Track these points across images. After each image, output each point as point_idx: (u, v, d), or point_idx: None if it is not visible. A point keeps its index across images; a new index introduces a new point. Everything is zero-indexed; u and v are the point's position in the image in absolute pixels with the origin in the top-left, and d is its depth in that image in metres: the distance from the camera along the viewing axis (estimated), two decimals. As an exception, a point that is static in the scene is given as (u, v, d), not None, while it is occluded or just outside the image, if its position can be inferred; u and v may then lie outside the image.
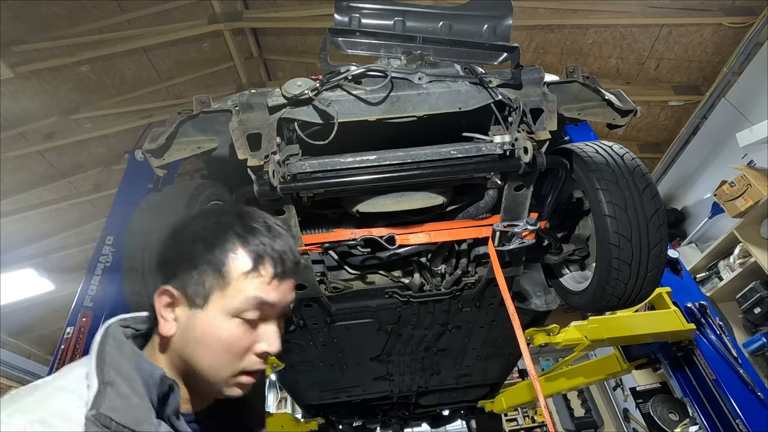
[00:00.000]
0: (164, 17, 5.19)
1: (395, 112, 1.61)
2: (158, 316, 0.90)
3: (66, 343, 3.21)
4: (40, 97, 5.35)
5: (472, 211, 1.92)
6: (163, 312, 0.89)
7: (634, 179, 1.84)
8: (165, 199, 1.84)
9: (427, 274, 2.19)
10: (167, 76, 5.90)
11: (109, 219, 4.17)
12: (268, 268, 0.89)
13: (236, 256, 0.88)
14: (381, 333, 2.57)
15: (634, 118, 1.75)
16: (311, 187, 1.63)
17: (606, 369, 3.34)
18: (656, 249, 1.83)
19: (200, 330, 0.87)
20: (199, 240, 0.90)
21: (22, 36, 4.72)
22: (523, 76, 1.65)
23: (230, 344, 0.88)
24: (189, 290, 0.88)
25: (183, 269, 0.89)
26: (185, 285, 0.88)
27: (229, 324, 0.87)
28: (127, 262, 1.72)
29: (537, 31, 5.32)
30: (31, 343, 8.39)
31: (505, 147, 1.60)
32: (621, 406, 9.41)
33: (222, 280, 0.87)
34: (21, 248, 6.70)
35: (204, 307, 0.87)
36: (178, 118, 1.64)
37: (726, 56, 5.02)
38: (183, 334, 0.89)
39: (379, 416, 4.42)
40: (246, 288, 0.88)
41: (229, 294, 0.87)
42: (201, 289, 0.88)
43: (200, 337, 0.87)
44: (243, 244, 0.89)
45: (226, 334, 0.87)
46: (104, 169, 6.37)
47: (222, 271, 0.87)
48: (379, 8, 1.99)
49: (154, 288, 0.91)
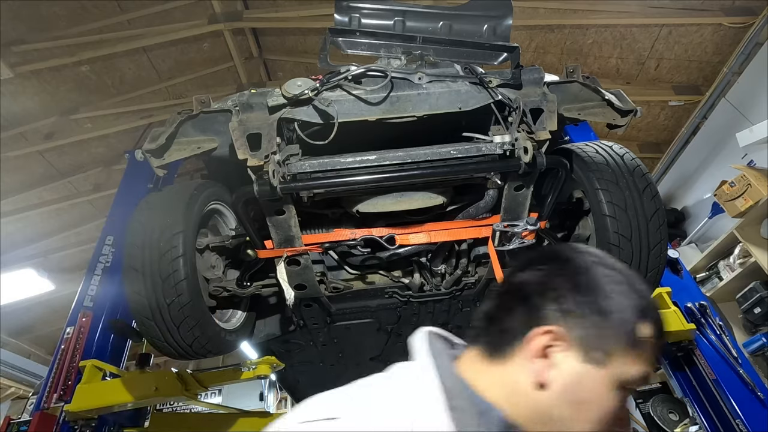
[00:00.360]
0: (164, 17, 5.20)
1: (395, 112, 1.61)
2: (534, 356, 0.77)
3: (66, 343, 3.21)
4: (40, 97, 5.35)
5: (472, 211, 1.92)
6: (542, 353, 0.76)
7: (634, 179, 1.85)
8: (165, 199, 1.84)
9: (427, 274, 2.19)
10: (167, 76, 5.90)
11: (109, 219, 4.17)
12: (659, 339, 0.79)
13: (644, 320, 0.77)
14: (381, 333, 2.57)
15: (634, 118, 1.76)
16: (311, 187, 1.63)
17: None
18: (656, 249, 1.83)
19: (588, 392, 0.74)
20: (616, 291, 0.77)
21: (22, 36, 4.72)
22: (523, 76, 1.65)
23: (607, 416, 0.75)
24: (589, 341, 0.75)
25: (587, 313, 0.76)
26: (585, 332, 0.75)
27: (615, 394, 0.75)
28: (127, 261, 1.73)
29: (537, 31, 5.31)
30: (31, 343, 8.39)
31: (505, 147, 1.60)
32: (621, 406, 9.41)
33: (627, 342, 0.75)
34: (21, 248, 6.70)
35: (603, 366, 0.74)
36: (178, 118, 1.64)
37: (726, 56, 5.01)
38: (558, 387, 0.75)
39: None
40: (646, 357, 0.77)
41: (629, 361, 0.75)
42: (603, 345, 0.75)
43: (583, 399, 0.74)
44: (645, 308, 0.79)
45: (611, 405, 0.75)
46: (104, 169, 6.37)
47: (631, 332, 0.76)
48: (379, 8, 1.99)
49: (531, 317, 0.79)
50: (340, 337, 2.58)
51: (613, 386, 0.75)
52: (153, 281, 1.68)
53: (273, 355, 2.62)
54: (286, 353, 2.67)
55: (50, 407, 2.88)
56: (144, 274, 1.69)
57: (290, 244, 1.77)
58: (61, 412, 2.84)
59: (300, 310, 2.20)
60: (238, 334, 2.09)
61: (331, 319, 2.36)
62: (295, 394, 3.64)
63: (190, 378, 2.73)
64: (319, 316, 2.29)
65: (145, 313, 1.71)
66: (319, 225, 2.02)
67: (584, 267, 0.81)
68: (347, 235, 1.87)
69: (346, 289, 2.13)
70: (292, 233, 1.74)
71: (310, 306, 2.19)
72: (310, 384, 3.29)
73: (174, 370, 2.70)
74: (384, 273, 2.20)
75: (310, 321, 2.33)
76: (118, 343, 3.40)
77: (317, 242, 1.85)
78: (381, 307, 2.33)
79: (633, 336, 0.75)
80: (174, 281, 1.68)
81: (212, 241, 1.97)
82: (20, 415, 3.55)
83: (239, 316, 2.14)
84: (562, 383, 0.75)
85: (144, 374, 2.82)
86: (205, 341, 1.81)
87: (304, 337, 2.53)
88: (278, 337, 2.43)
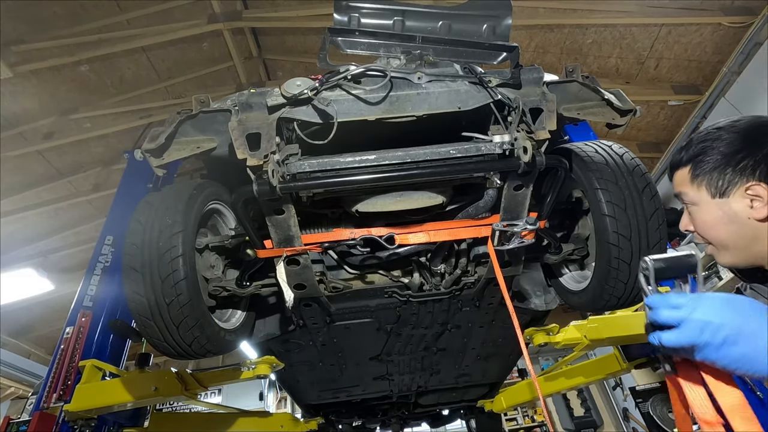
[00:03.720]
0: (164, 17, 5.20)
1: (394, 112, 1.61)
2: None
3: (66, 343, 3.21)
4: (39, 97, 5.36)
5: (472, 211, 1.92)
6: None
7: (634, 179, 1.85)
8: (164, 199, 1.84)
9: (426, 273, 2.19)
10: (166, 75, 5.90)
11: (108, 219, 4.17)
12: None
13: None
14: (380, 333, 2.57)
15: (633, 117, 1.75)
16: (310, 186, 1.63)
17: (605, 368, 3.34)
18: (656, 248, 1.83)
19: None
20: None
21: (22, 36, 4.72)
22: (522, 76, 1.65)
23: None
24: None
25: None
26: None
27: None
28: (127, 261, 1.72)
29: (537, 30, 5.32)
30: (31, 343, 8.40)
31: (504, 147, 1.60)
32: (620, 406, 9.41)
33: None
34: (21, 248, 6.71)
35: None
36: (178, 118, 1.64)
37: (725, 56, 5.02)
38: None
39: (378, 416, 4.42)
40: None
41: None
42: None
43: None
44: None
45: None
46: (104, 168, 6.38)
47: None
48: (379, 8, 1.99)
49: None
50: (339, 337, 2.58)
51: None
52: (152, 281, 1.68)
53: (273, 355, 2.62)
54: (285, 353, 2.67)
55: (50, 407, 2.88)
56: (143, 273, 1.69)
57: (290, 244, 1.77)
58: (61, 411, 2.84)
59: (299, 309, 2.20)
60: (238, 333, 2.09)
61: (330, 319, 2.36)
62: (295, 394, 3.65)
63: (190, 378, 2.72)
64: (318, 315, 2.29)
65: (145, 313, 1.71)
66: (319, 225, 2.02)
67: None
68: (347, 235, 1.87)
69: (346, 289, 2.13)
70: (292, 233, 1.74)
71: (309, 306, 2.19)
72: (310, 384, 3.29)
73: (173, 369, 2.70)
74: (383, 273, 2.20)
75: (310, 321, 2.33)
76: (117, 343, 3.40)
77: (317, 242, 1.85)
78: (380, 307, 2.33)
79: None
80: (173, 281, 1.68)
81: (212, 240, 1.97)
82: (20, 415, 3.55)
83: (239, 316, 2.14)
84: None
85: (143, 374, 2.82)
86: (204, 341, 1.81)
87: (303, 337, 2.53)
88: (278, 337, 2.43)
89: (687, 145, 1.20)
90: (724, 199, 1.10)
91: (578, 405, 9.49)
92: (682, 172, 1.20)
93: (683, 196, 1.21)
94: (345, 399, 3.67)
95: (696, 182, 1.15)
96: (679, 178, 1.21)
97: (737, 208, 1.09)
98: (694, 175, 1.16)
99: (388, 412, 4.35)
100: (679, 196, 1.23)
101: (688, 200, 1.19)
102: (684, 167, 1.19)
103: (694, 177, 1.16)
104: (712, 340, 0.86)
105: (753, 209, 1.06)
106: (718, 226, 1.13)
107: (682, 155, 1.20)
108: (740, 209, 1.08)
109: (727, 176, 1.10)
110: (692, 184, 1.17)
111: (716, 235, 1.15)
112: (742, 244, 1.11)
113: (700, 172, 1.14)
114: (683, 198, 1.21)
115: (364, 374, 3.18)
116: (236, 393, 9.42)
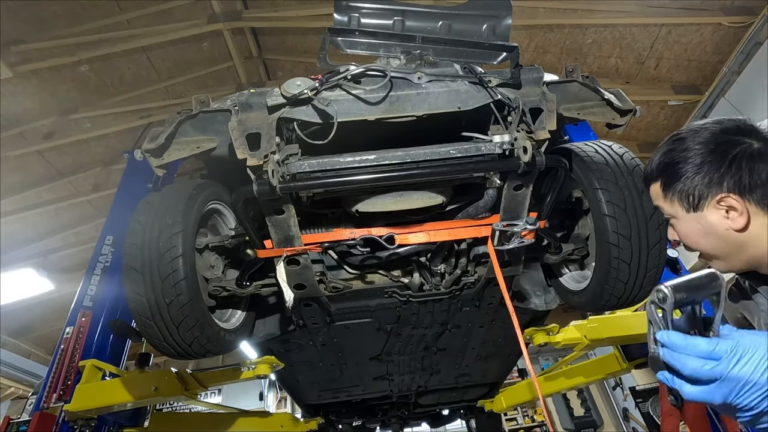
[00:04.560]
0: (164, 17, 5.20)
1: (394, 112, 1.61)
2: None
3: (66, 343, 3.21)
4: (39, 97, 5.36)
5: (472, 211, 1.92)
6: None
7: (634, 179, 1.85)
8: (164, 199, 1.84)
9: (426, 273, 2.19)
10: (166, 75, 5.90)
11: (108, 219, 4.17)
12: None
13: None
14: (380, 333, 2.57)
15: (633, 117, 1.75)
16: (310, 186, 1.63)
17: (605, 368, 3.34)
18: (655, 248, 1.83)
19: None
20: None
21: (22, 36, 4.72)
22: (522, 76, 1.65)
23: None
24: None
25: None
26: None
27: None
28: (127, 261, 1.72)
29: (537, 30, 5.32)
30: (31, 343, 8.40)
31: (504, 147, 1.60)
32: (620, 406, 9.42)
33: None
34: (21, 248, 6.71)
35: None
36: (178, 118, 1.64)
37: (725, 56, 5.02)
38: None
39: (378, 416, 4.42)
40: None
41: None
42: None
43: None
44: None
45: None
46: (103, 168, 6.38)
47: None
48: (379, 8, 1.99)
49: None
50: (339, 337, 2.58)
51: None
52: (152, 281, 1.68)
53: (272, 355, 2.62)
54: (285, 353, 2.67)
55: (50, 407, 2.88)
56: (143, 273, 1.69)
57: (289, 244, 1.77)
58: (61, 411, 2.84)
59: (299, 309, 2.20)
60: (238, 333, 2.09)
61: (330, 319, 2.36)
62: (295, 394, 3.65)
63: (190, 378, 2.73)
64: (318, 315, 2.29)
65: (145, 313, 1.71)
66: (319, 224, 2.02)
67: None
68: (347, 235, 1.87)
69: (346, 289, 2.13)
70: (292, 233, 1.74)
71: (309, 306, 2.19)
72: (310, 384, 3.29)
73: (173, 369, 2.70)
74: (383, 273, 2.20)
75: (310, 321, 2.33)
76: (117, 343, 3.40)
77: (317, 242, 1.85)
78: (380, 307, 2.33)
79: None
80: (173, 281, 1.68)
81: (212, 240, 1.97)
82: (20, 415, 3.55)
83: (239, 316, 2.14)
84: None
85: (143, 374, 2.82)
86: (204, 341, 1.81)
87: (303, 337, 2.53)
88: (278, 337, 2.43)
89: (654, 159, 1.18)
90: (698, 213, 1.08)
91: (578, 405, 9.49)
92: (655, 187, 1.18)
93: (661, 209, 1.18)
94: (345, 399, 3.67)
95: (668, 197, 1.13)
96: (653, 192, 1.19)
97: (713, 220, 1.06)
98: (665, 191, 1.14)
99: (388, 412, 4.35)
100: (657, 209, 1.20)
101: (666, 214, 1.17)
102: (655, 182, 1.17)
103: (665, 192, 1.14)
104: (758, 405, 0.69)
105: (730, 220, 1.04)
106: (699, 239, 1.11)
107: (651, 168, 1.18)
108: (716, 221, 1.06)
109: (696, 190, 1.07)
110: (665, 199, 1.15)
111: (701, 247, 1.13)
112: (729, 253, 1.09)
113: (670, 188, 1.12)
114: (662, 211, 1.18)
115: (364, 374, 3.18)
116: (236, 393, 9.42)
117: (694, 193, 1.07)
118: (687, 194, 1.09)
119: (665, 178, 1.13)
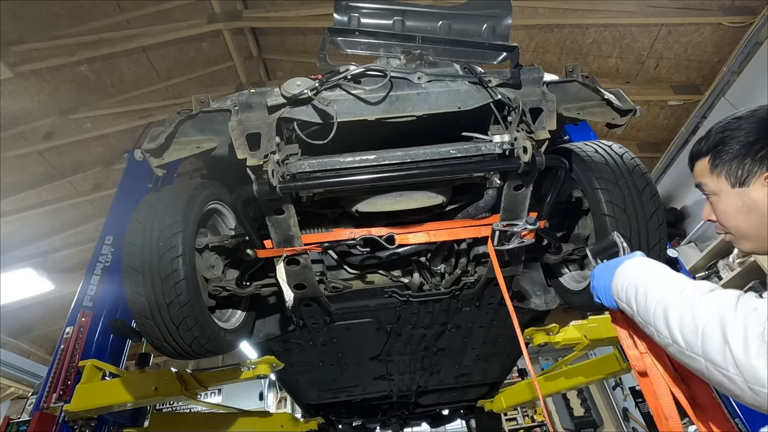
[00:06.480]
0: (164, 17, 5.20)
1: (394, 112, 1.61)
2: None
3: (65, 343, 3.21)
4: (39, 97, 5.35)
5: (472, 211, 1.92)
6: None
7: (634, 179, 1.85)
8: (164, 199, 1.84)
9: (426, 273, 2.19)
10: (166, 75, 5.90)
11: (108, 219, 4.17)
12: None
13: None
14: (380, 333, 2.57)
15: (633, 117, 1.75)
16: (310, 186, 1.63)
17: (605, 368, 3.34)
18: (655, 248, 1.84)
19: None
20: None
21: (22, 36, 4.71)
22: (522, 76, 1.65)
23: None
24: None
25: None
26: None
27: None
28: (127, 261, 1.72)
29: (537, 30, 5.32)
30: (31, 343, 8.39)
31: (504, 146, 1.60)
32: (620, 406, 9.42)
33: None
34: (21, 248, 6.71)
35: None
36: (178, 118, 1.64)
37: (725, 56, 5.02)
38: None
39: (378, 416, 4.42)
40: None
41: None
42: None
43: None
44: None
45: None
46: (103, 168, 6.38)
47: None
48: (379, 8, 1.99)
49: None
50: (339, 337, 2.58)
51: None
52: (152, 281, 1.68)
53: (273, 355, 2.62)
54: (285, 353, 2.67)
55: (50, 407, 2.88)
56: (143, 273, 1.69)
57: (289, 244, 1.77)
58: (61, 411, 2.84)
59: (299, 309, 2.20)
60: (238, 333, 2.09)
61: (330, 319, 2.36)
62: (295, 394, 3.64)
63: (190, 378, 2.72)
64: (318, 315, 2.29)
65: (145, 313, 1.71)
66: (319, 224, 2.02)
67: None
68: (346, 235, 1.87)
69: (346, 289, 2.13)
70: (292, 233, 1.74)
71: (309, 306, 2.19)
72: (309, 384, 3.29)
73: (173, 369, 2.70)
74: (383, 273, 2.20)
75: (310, 321, 2.33)
76: (117, 343, 3.40)
77: (317, 242, 1.85)
78: (380, 307, 2.33)
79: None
80: (173, 281, 1.68)
81: (212, 240, 1.98)
82: (20, 415, 3.54)
83: (239, 316, 2.14)
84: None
85: (143, 374, 2.82)
86: (204, 341, 1.81)
87: (303, 337, 2.53)
88: (278, 337, 2.43)
89: (706, 136, 1.22)
90: (743, 189, 1.12)
91: (578, 405, 9.49)
92: (702, 163, 1.21)
93: (703, 186, 1.22)
94: (345, 399, 3.67)
95: (716, 172, 1.17)
96: (699, 168, 1.23)
97: (757, 197, 1.10)
98: (713, 166, 1.17)
99: (388, 412, 4.35)
100: (700, 186, 1.24)
101: (709, 190, 1.21)
102: (704, 158, 1.20)
103: (713, 167, 1.17)
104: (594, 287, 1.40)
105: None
106: (738, 216, 1.14)
107: (702, 146, 1.22)
108: (760, 198, 1.09)
109: (746, 165, 1.11)
110: (712, 175, 1.18)
111: (736, 224, 1.16)
112: (762, 233, 1.11)
113: (719, 162, 1.16)
114: (704, 188, 1.22)
115: (364, 374, 3.18)
116: (236, 393, 9.42)
117: (744, 168, 1.11)
118: (736, 169, 1.12)
119: (716, 153, 1.17)
